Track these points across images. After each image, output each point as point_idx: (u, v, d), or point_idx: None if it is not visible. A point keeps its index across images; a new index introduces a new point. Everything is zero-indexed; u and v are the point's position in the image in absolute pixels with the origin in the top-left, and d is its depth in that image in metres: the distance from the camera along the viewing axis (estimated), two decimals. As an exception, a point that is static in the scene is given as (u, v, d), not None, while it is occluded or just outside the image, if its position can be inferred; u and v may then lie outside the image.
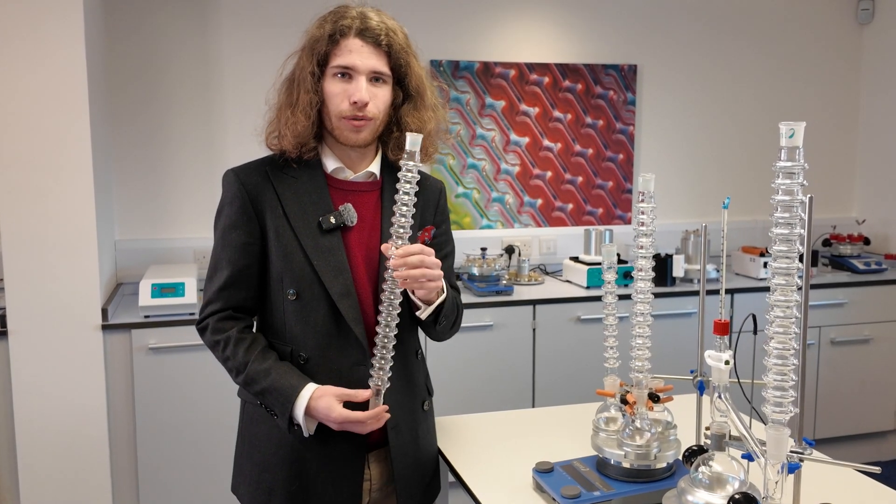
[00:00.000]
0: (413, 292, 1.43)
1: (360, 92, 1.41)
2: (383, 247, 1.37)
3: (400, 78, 1.48)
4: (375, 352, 1.39)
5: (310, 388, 1.39)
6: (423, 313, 1.47)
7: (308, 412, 1.38)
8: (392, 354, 1.40)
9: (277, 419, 1.42)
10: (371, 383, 1.40)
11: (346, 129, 1.44)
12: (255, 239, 1.46)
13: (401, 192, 1.34)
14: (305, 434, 1.42)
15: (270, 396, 1.40)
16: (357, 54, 1.41)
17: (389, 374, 1.41)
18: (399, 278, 1.34)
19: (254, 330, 1.51)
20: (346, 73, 1.42)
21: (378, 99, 1.44)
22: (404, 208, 1.34)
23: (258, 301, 1.51)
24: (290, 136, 1.43)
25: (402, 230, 1.35)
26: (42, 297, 2.56)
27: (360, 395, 1.40)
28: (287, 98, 1.46)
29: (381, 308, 1.37)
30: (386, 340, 1.38)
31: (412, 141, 1.34)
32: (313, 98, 1.42)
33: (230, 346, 1.44)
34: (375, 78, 1.44)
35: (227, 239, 1.47)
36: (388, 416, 1.42)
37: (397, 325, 1.39)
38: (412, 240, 1.41)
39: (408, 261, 1.34)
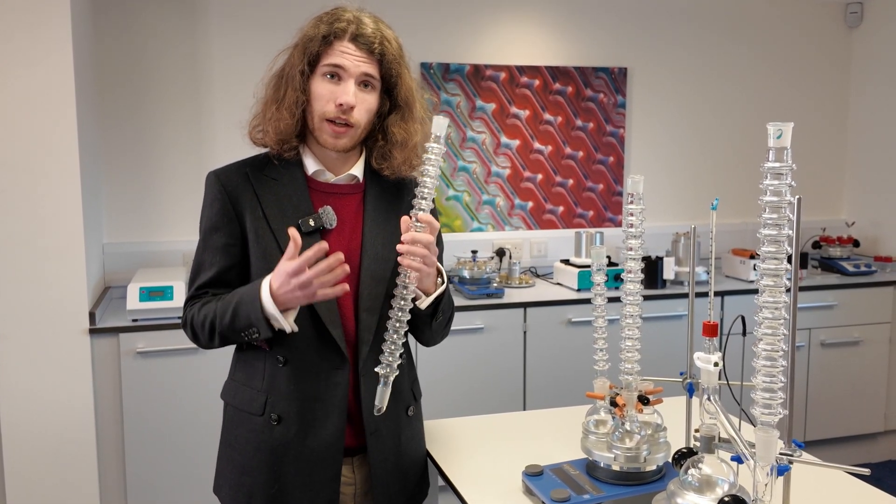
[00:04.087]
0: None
1: (347, 95, 1.40)
2: (403, 218, 1.35)
3: (389, 87, 1.48)
4: (386, 336, 1.35)
5: (268, 276, 1.36)
6: (424, 303, 1.44)
7: (273, 295, 1.33)
8: (403, 342, 1.36)
9: (258, 334, 1.37)
10: (379, 370, 1.35)
11: (326, 132, 1.43)
12: (236, 240, 1.46)
13: (426, 165, 1.34)
14: (288, 329, 1.36)
15: (241, 309, 1.36)
16: (349, 57, 1.40)
17: (399, 362, 1.36)
18: (405, 253, 1.33)
19: None
20: (336, 75, 1.41)
21: (364, 105, 1.43)
22: (428, 180, 1.34)
23: None
24: (273, 133, 1.43)
25: (423, 202, 1.34)
26: (29, 301, 2.54)
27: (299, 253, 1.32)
28: (274, 94, 1.45)
29: (395, 286, 1.34)
30: (398, 325, 1.34)
31: (438, 125, 1.34)
32: (300, 97, 1.42)
33: (201, 311, 1.43)
34: (364, 84, 1.43)
35: (209, 241, 1.47)
36: (344, 267, 1.33)
37: (410, 311, 1.35)
38: (393, 234, 1.38)
39: (418, 238, 1.33)
